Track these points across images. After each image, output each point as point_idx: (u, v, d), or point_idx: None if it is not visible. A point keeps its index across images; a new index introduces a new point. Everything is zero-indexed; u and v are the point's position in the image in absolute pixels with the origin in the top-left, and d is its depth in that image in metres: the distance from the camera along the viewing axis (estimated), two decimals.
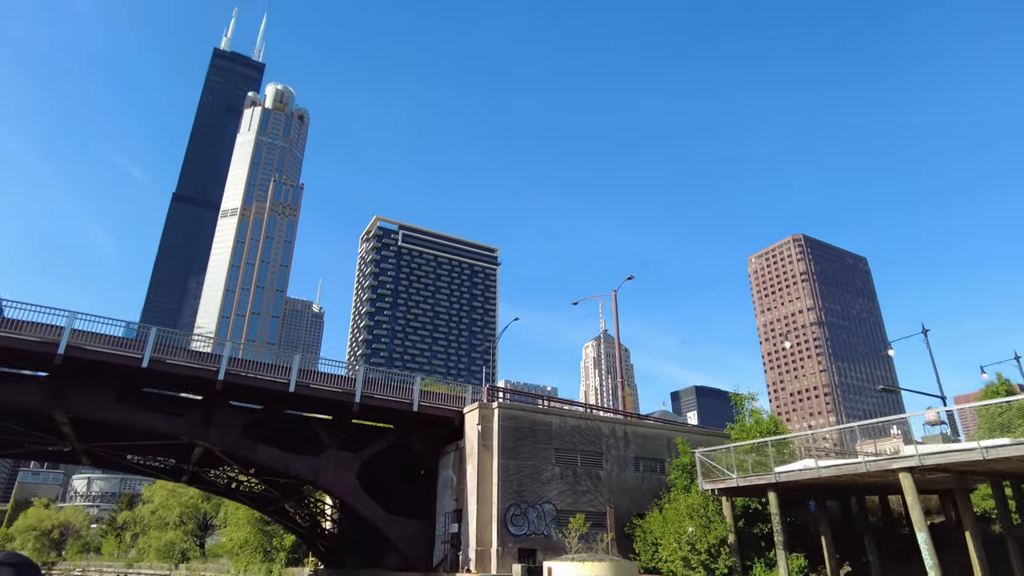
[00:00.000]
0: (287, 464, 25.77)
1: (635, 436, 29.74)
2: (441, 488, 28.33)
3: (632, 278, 38.44)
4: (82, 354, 21.88)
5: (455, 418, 27.70)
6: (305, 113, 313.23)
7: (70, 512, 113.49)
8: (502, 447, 25.91)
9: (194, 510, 66.57)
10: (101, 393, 23.54)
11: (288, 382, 24.62)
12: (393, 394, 27.04)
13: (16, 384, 22.87)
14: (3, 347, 21.04)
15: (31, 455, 35.60)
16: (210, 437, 24.76)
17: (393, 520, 27.21)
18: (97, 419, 23.57)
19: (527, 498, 25.76)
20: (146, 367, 22.42)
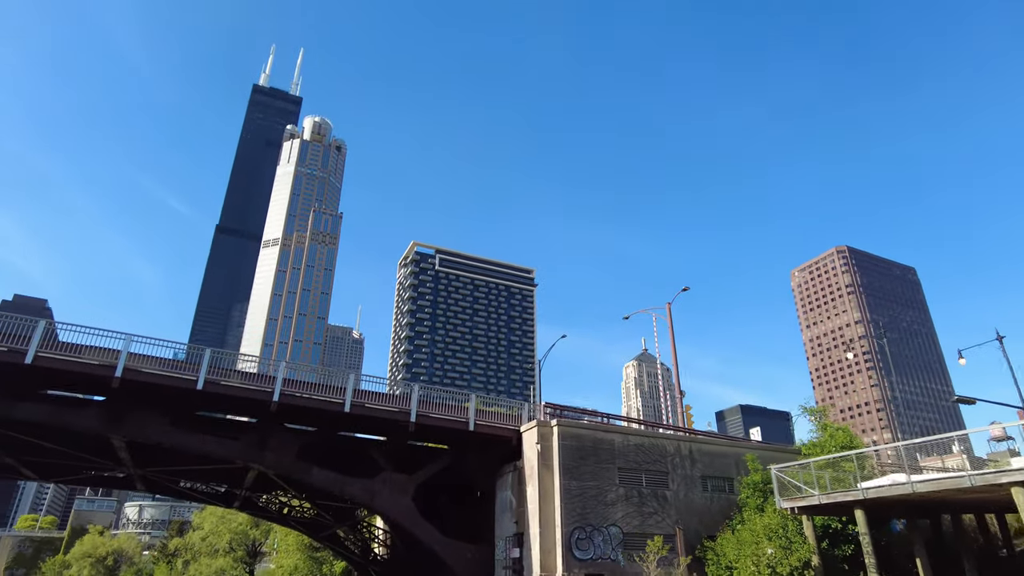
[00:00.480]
0: (342, 487, 25.08)
1: (701, 454, 28.27)
2: (499, 510, 27.27)
3: (687, 289, 37.20)
4: (138, 376, 21.66)
5: (512, 437, 26.71)
6: (342, 143, 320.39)
7: (123, 539, 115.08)
8: (563, 467, 24.79)
9: (243, 536, 66.48)
10: (156, 417, 23.30)
11: (343, 402, 24.02)
12: (447, 413, 26.21)
13: (76, 408, 22.77)
14: (63, 370, 20.93)
15: (89, 481, 35.73)
16: (265, 460, 24.26)
17: (450, 544, 26.21)
18: (152, 442, 23.29)
19: (591, 521, 24.52)
20: (201, 389, 22.07)
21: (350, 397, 24.11)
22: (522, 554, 24.67)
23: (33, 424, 22.85)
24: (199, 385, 22.05)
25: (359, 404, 24.39)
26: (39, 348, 20.50)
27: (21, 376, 21.68)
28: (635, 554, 24.70)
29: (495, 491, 27.93)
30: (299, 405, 23.63)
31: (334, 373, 25.74)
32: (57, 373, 21.34)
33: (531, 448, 25.68)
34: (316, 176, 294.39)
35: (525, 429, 26.52)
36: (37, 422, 22.04)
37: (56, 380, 22.25)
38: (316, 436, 26.18)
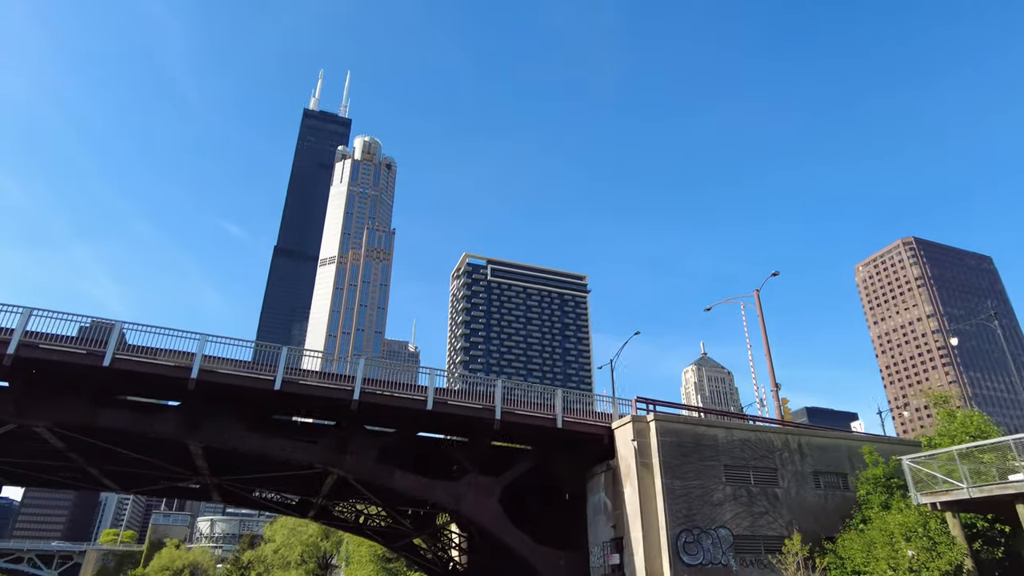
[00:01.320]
0: (426, 491, 23.65)
1: (810, 448, 25.71)
2: (592, 514, 25.33)
3: (777, 274, 34.56)
4: (214, 378, 20.74)
5: (603, 435, 24.79)
6: (392, 161, 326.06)
7: (198, 552, 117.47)
8: (665, 465, 22.71)
9: (314, 548, 66.18)
10: (232, 422, 22.37)
11: (425, 399, 22.61)
12: (532, 410, 24.49)
13: (154, 414, 22.03)
14: (140, 372, 20.19)
15: (166, 492, 35.50)
16: (345, 464, 23.04)
17: (542, 552, 24.40)
18: (229, 448, 22.36)
19: (698, 523, 22.34)
20: (279, 389, 20.99)
21: (432, 395, 22.68)
22: (623, 560, 22.67)
23: (114, 431, 22.22)
24: (277, 385, 20.98)
25: (441, 402, 22.93)
26: (116, 351, 19.78)
27: (100, 381, 21.07)
28: (747, 558, 22.43)
29: (585, 493, 26.01)
30: (379, 404, 22.31)
31: (407, 369, 24.36)
32: (134, 376, 20.62)
33: (626, 446, 23.70)
34: (368, 195, 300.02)
35: (618, 426, 24.57)
36: (118, 429, 21.36)
37: (133, 384, 21.56)
38: (395, 438, 24.84)
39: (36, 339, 19.53)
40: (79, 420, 20.83)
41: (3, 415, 20.41)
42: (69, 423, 20.96)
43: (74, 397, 21.09)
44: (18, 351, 18.94)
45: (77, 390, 21.41)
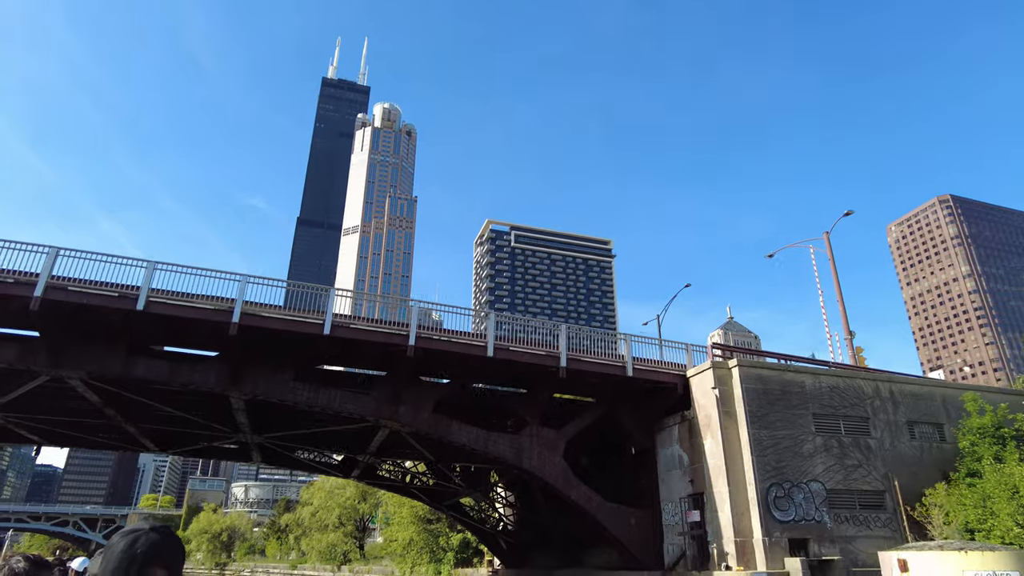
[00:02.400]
0: (486, 444, 21.83)
1: (903, 396, 23.38)
2: (664, 469, 23.40)
3: (851, 213, 31.77)
4: (258, 322, 18.93)
5: (677, 384, 22.71)
6: (412, 129, 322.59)
7: (235, 517, 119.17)
8: (750, 414, 20.59)
9: (352, 511, 65.74)
10: (277, 372, 20.64)
11: (485, 345, 20.65)
12: (599, 357, 22.44)
13: (191, 365, 20.37)
14: (177, 317, 18.46)
15: (204, 452, 34.35)
16: (400, 416, 21.27)
17: (611, 509, 22.59)
18: (275, 400, 20.66)
19: (789, 476, 20.28)
20: (328, 334, 19.16)
21: (492, 340, 20.70)
22: (704, 517, 20.75)
23: (150, 384, 20.65)
24: (326, 329, 19.13)
25: (503, 347, 20.94)
26: (150, 294, 18.03)
27: (134, 328, 19.41)
28: (842, 514, 20.37)
29: (654, 447, 24.06)
30: (436, 350, 20.41)
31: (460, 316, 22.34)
32: (170, 322, 18.92)
33: (705, 395, 21.61)
34: (389, 162, 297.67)
35: (694, 373, 22.45)
36: (154, 380, 19.77)
37: (169, 332, 19.86)
38: (449, 390, 23.02)
39: (65, 283, 17.84)
40: (114, 371, 19.24)
41: (35, 366, 18.88)
42: (103, 374, 19.38)
43: (108, 347, 19.49)
44: (46, 294, 17.28)
45: (111, 339, 19.80)
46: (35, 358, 18.73)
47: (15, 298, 17.42)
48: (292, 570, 78.08)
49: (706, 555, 20.40)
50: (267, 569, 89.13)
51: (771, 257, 36.37)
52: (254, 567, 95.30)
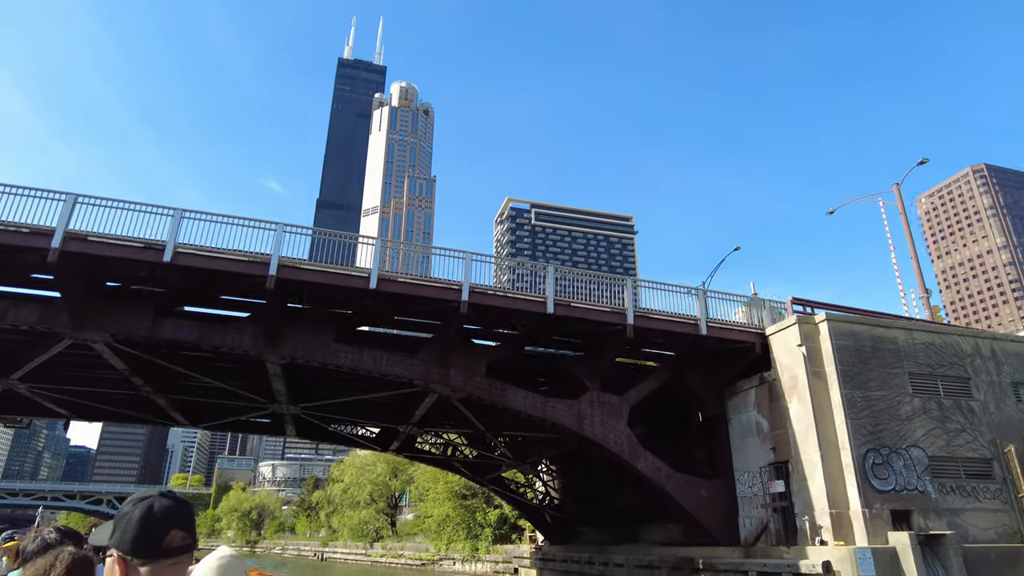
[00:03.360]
0: (544, 410, 19.94)
1: (1006, 355, 21.03)
2: (738, 437, 21.37)
3: (925, 161, 29.13)
4: (297, 275, 17.10)
5: (755, 343, 20.58)
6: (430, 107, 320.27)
7: (263, 495, 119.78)
8: (842, 373, 18.42)
9: (383, 488, 64.78)
10: (316, 334, 18.86)
11: (544, 301, 18.65)
12: (669, 315, 20.34)
13: (223, 325, 18.63)
14: (205, 271, 16.69)
15: (235, 427, 32.97)
16: (451, 380, 19.42)
17: (681, 481, 20.65)
18: (316, 364, 18.90)
19: (886, 441, 18.13)
20: (375, 288, 17.29)
21: (552, 296, 18.69)
22: (789, 487, 18.73)
23: (179, 346, 19.00)
24: (372, 283, 17.26)
25: (563, 304, 18.92)
26: (177, 246, 16.24)
27: (161, 284, 17.72)
28: (946, 484, 18.23)
29: (725, 413, 22.01)
30: (490, 306, 18.46)
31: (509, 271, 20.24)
32: (200, 276, 17.17)
33: (789, 353, 19.47)
34: (407, 142, 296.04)
35: (774, 331, 20.30)
36: (184, 342, 18.07)
37: (198, 288, 18.10)
38: (501, 352, 21.10)
39: (85, 234, 16.12)
40: (140, 333, 17.57)
41: (57, 327, 17.28)
42: (129, 336, 17.72)
43: (133, 307, 17.83)
44: (64, 245, 15.57)
45: (136, 299, 18.16)
46: (57, 319, 17.11)
47: (32, 251, 15.75)
48: (323, 547, 77.68)
49: (793, 529, 18.41)
50: (298, 546, 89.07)
51: (831, 214, 33.88)
52: (285, 544, 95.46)
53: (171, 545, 1.90)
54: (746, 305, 21.41)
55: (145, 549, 1.87)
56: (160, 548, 1.88)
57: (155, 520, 1.89)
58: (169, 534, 1.90)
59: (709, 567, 19.82)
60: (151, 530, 1.87)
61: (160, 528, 1.89)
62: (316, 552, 78.62)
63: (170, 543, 1.90)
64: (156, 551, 1.87)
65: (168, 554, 1.89)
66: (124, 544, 1.86)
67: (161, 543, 1.88)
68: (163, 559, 1.88)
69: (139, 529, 1.87)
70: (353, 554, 67.44)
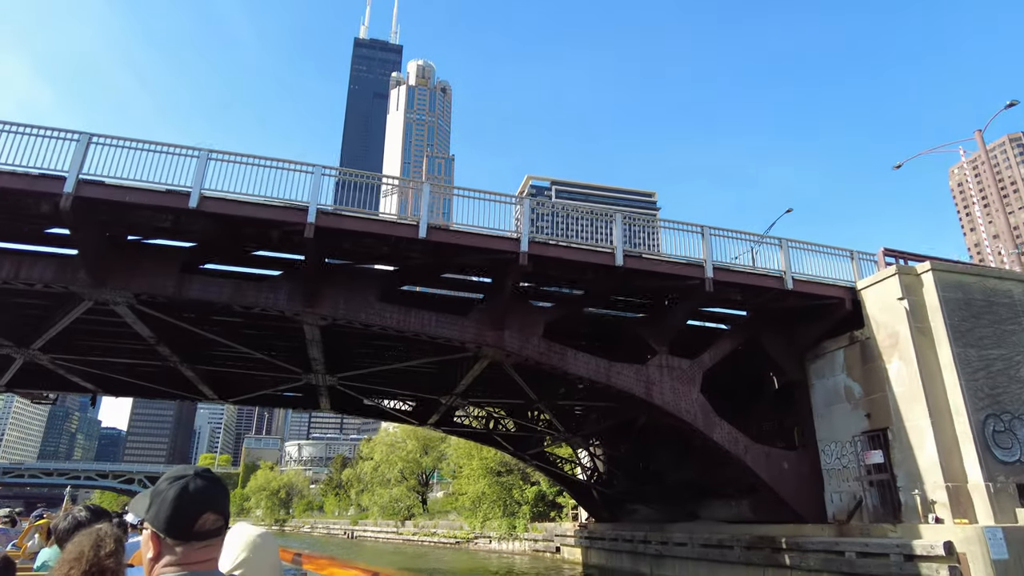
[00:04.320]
0: (609, 376, 17.97)
1: None
2: (822, 404, 19.25)
3: (1014, 103, 26.38)
4: (338, 223, 15.22)
5: (844, 299, 18.38)
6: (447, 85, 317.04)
7: (291, 474, 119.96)
8: (952, 329, 16.20)
9: (414, 465, 63.57)
10: (358, 291, 17.01)
11: (612, 252, 16.59)
12: (749, 268, 18.17)
13: (257, 283, 16.82)
14: (236, 218, 14.85)
15: (267, 401, 31.49)
16: (505, 343, 17.50)
17: (760, 452, 18.64)
18: (359, 325, 17.06)
19: (1007, 405, 15.94)
20: (424, 238, 15.36)
21: (621, 247, 16.62)
22: (889, 458, 16.63)
23: (209, 307, 17.29)
24: (421, 232, 15.33)
25: (634, 255, 16.86)
26: (204, 188, 14.41)
27: (186, 237, 15.96)
28: None
29: (806, 379, 19.88)
30: (552, 258, 16.44)
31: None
32: (230, 226, 15.37)
33: (887, 309, 17.26)
34: (425, 121, 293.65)
35: (868, 284, 18.07)
36: (213, 301, 16.33)
37: (228, 241, 16.29)
38: (559, 312, 19.08)
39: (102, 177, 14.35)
40: (165, 291, 15.84)
41: (75, 286, 15.60)
42: (153, 296, 15.99)
43: (157, 263, 16.09)
44: (79, 190, 13.81)
45: (161, 254, 16.41)
46: (75, 276, 15.42)
47: (43, 198, 14.03)
48: (353, 525, 77.03)
49: (894, 504, 16.34)
50: (327, 525, 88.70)
51: (899, 167, 31.19)
52: (314, 523, 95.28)
53: (203, 528, 1.85)
54: (830, 258, 19.12)
55: (178, 530, 1.82)
56: (192, 531, 1.83)
57: (189, 501, 1.84)
58: (202, 517, 1.85)
59: (794, 547, 17.89)
60: (184, 511, 1.83)
61: (193, 510, 1.84)
62: (346, 531, 78.04)
63: (202, 526, 1.85)
64: (188, 533, 1.83)
65: (200, 537, 1.84)
66: (158, 523, 1.83)
67: (193, 526, 1.84)
68: (195, 541, 1.83)
69: (173, 509, 1.83)
70: (384, 532, 66.56)
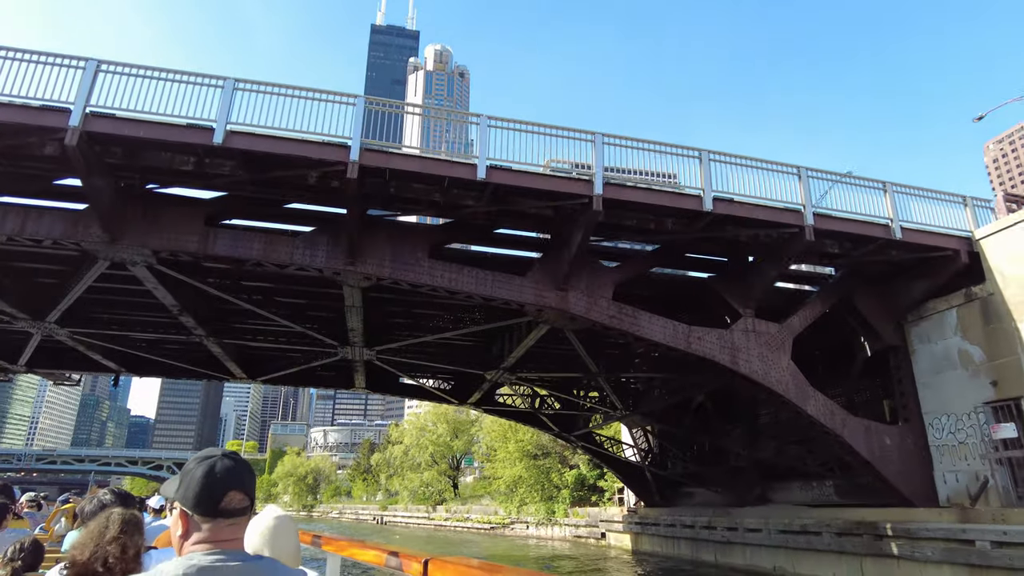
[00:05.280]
0: (689, 342, 15.76)
1: None
2: (928, 372, 16.89)
3: None
4: (387, 161, 13.14)
5: (958, 250, 15.97)
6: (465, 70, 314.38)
7: (318, 459, 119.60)
8: None
9: (445, 448, 62.06)
10: (404, 248, 14.95)
11: (700, 196, 14.31)
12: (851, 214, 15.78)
13: (292, 238, 14.81)
14: (269, 156, 12.83)
15: (297, 379, 29.61)
16: (570, 305, 15.36)
17: (861, 427, 16.36)
18: (406, 285, 14.99)
19: None
20: (483, 179, 13.22)
21: (710, 188, 14.32)
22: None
23: (238, 264, 15.37)
24: (480, 172, 13.18)
25: (725, 199, 14.54)
26: (231, 123, 12.38)
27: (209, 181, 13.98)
28: None
29: (906, 344, 17.52)
30: (630, 202, 14.21)
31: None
32: (258, 167, 13.37)
33: (1015, 261, 14.83)
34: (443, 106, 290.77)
35: (990, 233, 15.61)
36: (242, 259, 14.37)
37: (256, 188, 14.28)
38: (627, 272, 16.85)
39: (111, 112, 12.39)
40: (188, 248, 13.91)
41: (88, 242, 13.74)
42: (175, 253, 14.06)
43: (179, 215, 14.17)
44: (86, 124, 11.87)
45: (183, 205, 14.48)
46: (87, 231, 13.55)
47: (47, 134, 12.14)
48: (382, 511, 75.95)
49: None
50: (355, 510, 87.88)
51: (980, 119, 28.49)
52: (342, 508, 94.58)
53: (229, 506, 1.89)
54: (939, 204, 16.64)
55: (205, 508, 1.87)
56: (218, 508, 1.87)
57: (216, 480, 1.88)
58: (228, 495, 1.89)
59: (903, 534, 15.65)
60: (211, 489, 1.87)
61: (220, 489, 1.88)
62: (375, 516, 77.03)
63: (228, 504, 1.89)
64: (215, 511, 1.87)
65: (226, 515, 1.88)
66: (186, 501, 1.88)
67: (219, 503, 1.88)
68: (221, 519, 1.88)
69: (200, 487, 1.87)
70: (414, 517, 65.27)
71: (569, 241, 15.07)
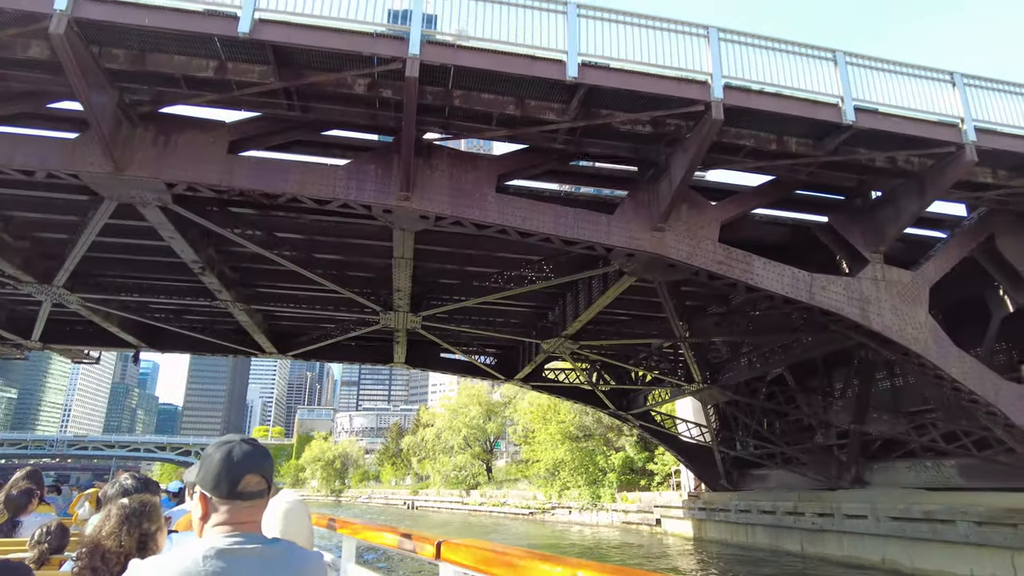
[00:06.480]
0: (812, 293, 12.97)
1: None
2: None
3: None
4: (452, 57, 10.41)
5: None
6: None
7: (345, 444, 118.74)
8: None
9: (479, 431, 59.87)
10: (465, 180, 12.30)
11: (837, 105, 11.42)
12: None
13: (333, 169, 12.21)
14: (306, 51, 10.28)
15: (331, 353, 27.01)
16: (668, 247, 12.61)
17: (1018, 393, 13.50)
18: (474, 221, 12.22)
19: None
20: (573, 78, 10.46)
21: (850, 96, 11.43)
22: None
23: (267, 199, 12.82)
24: (570, 71, 10.39)
25: (869, 110, 11.62)
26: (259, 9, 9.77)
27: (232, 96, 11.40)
28: None
29: None
30: (759, 111, 11.29)
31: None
32: (294, 72, 10.82)
33: None
34: None
35: None
36: (272, 193, 11.82)
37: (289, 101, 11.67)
38: (739, 208, 13.85)
39: None
40: (209, 179, 11.43)
41: (91, 177, 11.33)
42: (194, 186, 11.54)
43: (196, 140, 11.66)
44: (76, 8, 9.34)
45: (201, 129, 11.94)
46: (87, 159, 11.11)
47: (28, 21, 9.62)
48: (413, 495, 74.14)
49: None
50: (385, 495, 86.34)
51: None
52: (371, 493, 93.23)
53: (246, 489, 1.95)
54: None
55: (223, 490, 1.94)
56: (236, 491, 1.94)
57: (233, 464, 1.95)
58: (245, 478, 1.95)
59: None
60: (229, 472, 1.94)
61: (238, 472, 1.94)
62: (405, 500, 75.30)
63: (245, 487, 1.95)
64: (233, 493, 1.93)
65: (244, 497, 1.95)
66: (205, 483, 1.95)
67: (237, 486, 1.94)
68: (239, 501, 1.94)
69: (219, 471, 1.94)
70: (447, 502, 63.28)
71: (669, 168, 12.32)
